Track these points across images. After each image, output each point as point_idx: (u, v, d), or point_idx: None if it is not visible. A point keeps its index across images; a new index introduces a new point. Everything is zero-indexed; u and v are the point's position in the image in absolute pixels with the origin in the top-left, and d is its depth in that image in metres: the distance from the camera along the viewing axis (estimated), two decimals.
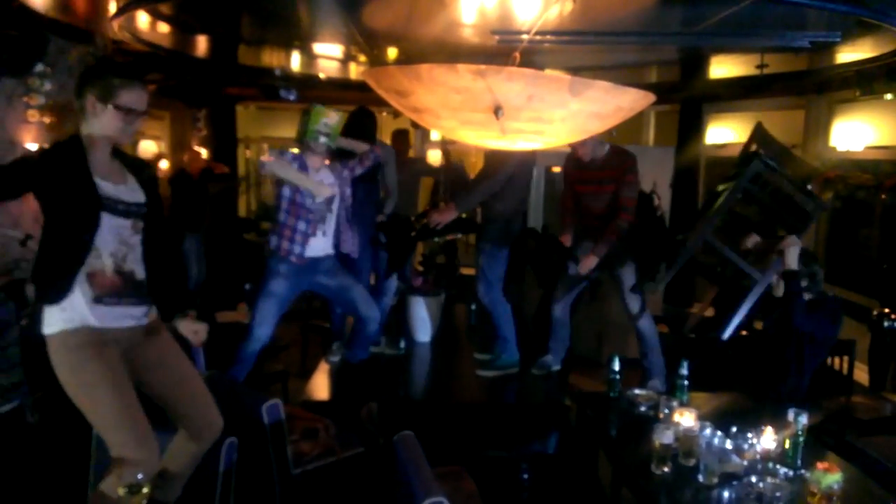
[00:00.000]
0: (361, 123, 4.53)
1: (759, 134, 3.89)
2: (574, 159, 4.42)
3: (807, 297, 3.38)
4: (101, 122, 2.36)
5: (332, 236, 4.10)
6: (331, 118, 3.85)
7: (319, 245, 4.03)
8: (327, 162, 4.11)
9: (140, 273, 2.48)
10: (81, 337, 2.33)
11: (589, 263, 4.27)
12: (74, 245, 2.33)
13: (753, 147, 3.90)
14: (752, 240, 3.70)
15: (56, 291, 2.32)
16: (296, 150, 4.04)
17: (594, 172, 4.31)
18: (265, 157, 3.86)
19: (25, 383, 3.54)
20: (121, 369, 2.38)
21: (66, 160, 2.31)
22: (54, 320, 2.33)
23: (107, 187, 2.37)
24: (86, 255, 2.33)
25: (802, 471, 2.53)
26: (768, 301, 3.56)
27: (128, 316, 2.44)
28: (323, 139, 3.86)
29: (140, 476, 2.13)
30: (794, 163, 3.86)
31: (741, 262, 3.71)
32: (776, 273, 3.45)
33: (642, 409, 3.21)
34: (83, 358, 2.32)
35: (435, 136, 8.24)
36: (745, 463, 2.55)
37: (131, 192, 2.46)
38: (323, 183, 3.93)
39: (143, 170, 2.58)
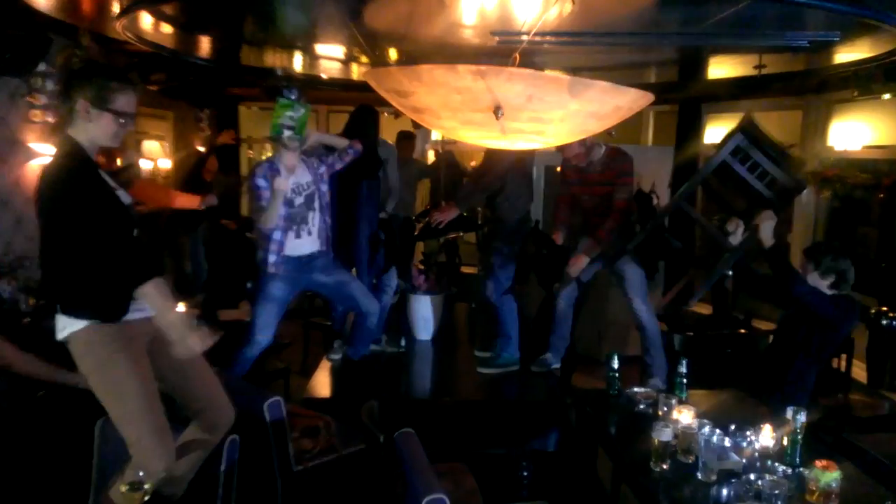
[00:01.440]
0: (363, 120, 4.56)
1: (746, 124, 3.86)
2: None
3: (831, 292, 3.32)
4: (95, 127, 2.35)
5: (318, 234, 4.07)
6: (296, 111, 3.77)
7: (304, 244, 4.02)
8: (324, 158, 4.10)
9: None
10: (107, 331, 2.34)
11: (579, 263, 4.30)
12: (123, 255, 2.34)
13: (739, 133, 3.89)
14: (734, 224, 3.70)
15: (118, 311, 2.35)
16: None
17: (591, 174, 4.34)
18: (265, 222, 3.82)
19: None
20: (146, 364, 2.40)
21: (86, 175, 2.30)
22: (72, 321, 2.33)
23: (122, 196, 2.40)
24: (135, 260, 2.35)
25: (801, 468, 2.54)
26: (767, 283, 3.53)
27: (137, 309, 2.45)
28: (287, 132, 3.78)
29: (142, 474, 2.16)
30: (786, 159, 3.84)
31: (713, 229, 3.71)
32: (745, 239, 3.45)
33: (641, 406, 3.23)
34: (112, 352, 2.33)
35: (436, 136, 8.26)
36: (744, 460, 2.56)
37: (125, 195, 2.47)
38: (283, 185, 3.83)
39: (122, 172, 2.60)
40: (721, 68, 5.53)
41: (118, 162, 4.88)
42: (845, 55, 4.54)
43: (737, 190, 3.88)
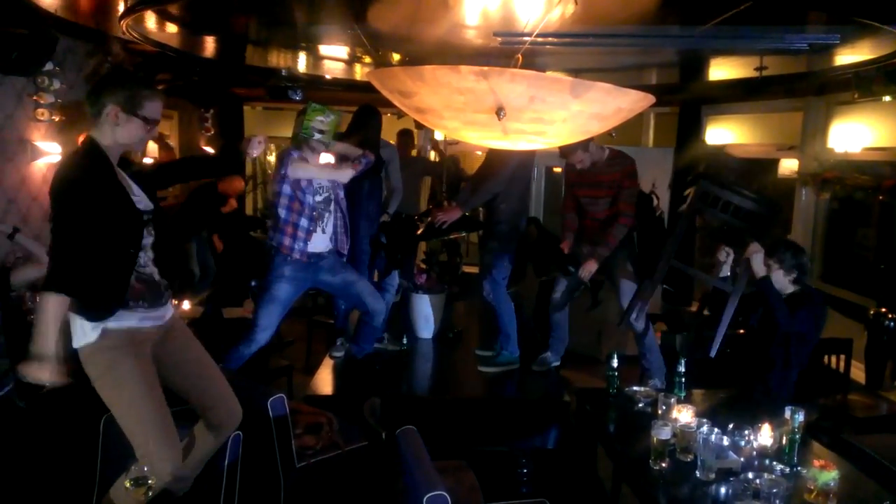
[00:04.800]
0: (366, 121, 4.58)
1: (704, 169, 3.98)
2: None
3: (793, 289, 3.43)
4: (123, 132, 2.38)
5: (331, 234, 4.13)
6: (327, 116, 3.86)
7: (320, 241, 4.06)
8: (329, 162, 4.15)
9: (156, 275, 2.52)
10: (114, 338, 2.35)
11: (590, 268, 4.32)
12: (122, 260, 2.35)
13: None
14: (724, 251, 3.74)
15: (108, 309, 2.34)
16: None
17: (595, 177, 4.36)
18: (294, 168, 3.90)
19: (13, 369, 3.52)
20: (152, 369, 2.42)
21: (100, 175, 2.33)
22: (87, 332, 2.34)
23: (138, 201, 2.42)
24: (132, 267, 2.36)
25: (799, 468, 2.57)
26: (752, 299, 3.60)
27: (151, 318, 2.47)
28: (318, 136, 3.88)
29: (147, 469, 2.18)
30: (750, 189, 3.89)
31: (710, 278, 3.78)
32: (745, 280, 3.50)
33: (641, 405, 3.26)
34: (118, 356, 2.35)
35: (438, 135, 8.28)
36: (743, 459, 2.58)
37: (141, 198, 2.49)
38: (337, 170, 3.99)
39: (129, 165, 2.57)
40: (722, 70, 5.53)
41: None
42: (845, 57, 4.55)
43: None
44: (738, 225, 3.76)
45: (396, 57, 5.28)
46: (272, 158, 11.08)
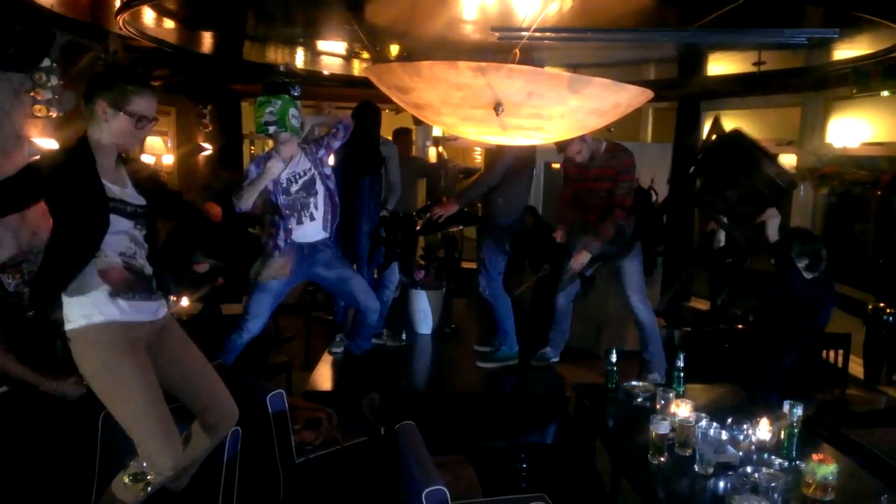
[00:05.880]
0: (365, 118, 4.58)
1: (717, 128, 3.95)
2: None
3: (808, 276, 3.43)
4: (111, 128, 2.38)
5: (321, 218, 4.09)
6: (274, 104, 3.76)
7: (308, 231, 4.06)
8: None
9: (148, 269, 2.51)
10: (110, 334, 2.35)
11: (581, 259, 4.32)
12: (81, 248, 2.34)
13: (714, 137, 3.95)
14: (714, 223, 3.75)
15: (45, 298, 2.35)
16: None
17: (592, 170, 4.36)
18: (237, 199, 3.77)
19: None
20: (150, 366, 2.41)
21: (75, 164, 2.33)
22: (76, 316, 2.33)
23: (114, 189, 2.40)
24: (89, 258, 2.34)
25: (797, 462, 2.57)
26: (765, 280, 3.60)
27: (142, 310, 2.46)
28: (272, 129, 3.78)
29: (145, 465, 2.18)
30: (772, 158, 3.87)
31: (735, 231, 3.75)
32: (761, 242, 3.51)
33: (639, 400, 3.26)
34: (115, 354, 2.34)
35: (437, 133, 8.27)
36: (741, 453, 2.59)
37: (134, 195, 2.49)
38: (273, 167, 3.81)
39: (139, 172, 2.58)
40: (720, 65, 5.53)
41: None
42: (844, 52, 4.55)
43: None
44: (765, 191, 3.73)
45: (394, 52, 5.27)
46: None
